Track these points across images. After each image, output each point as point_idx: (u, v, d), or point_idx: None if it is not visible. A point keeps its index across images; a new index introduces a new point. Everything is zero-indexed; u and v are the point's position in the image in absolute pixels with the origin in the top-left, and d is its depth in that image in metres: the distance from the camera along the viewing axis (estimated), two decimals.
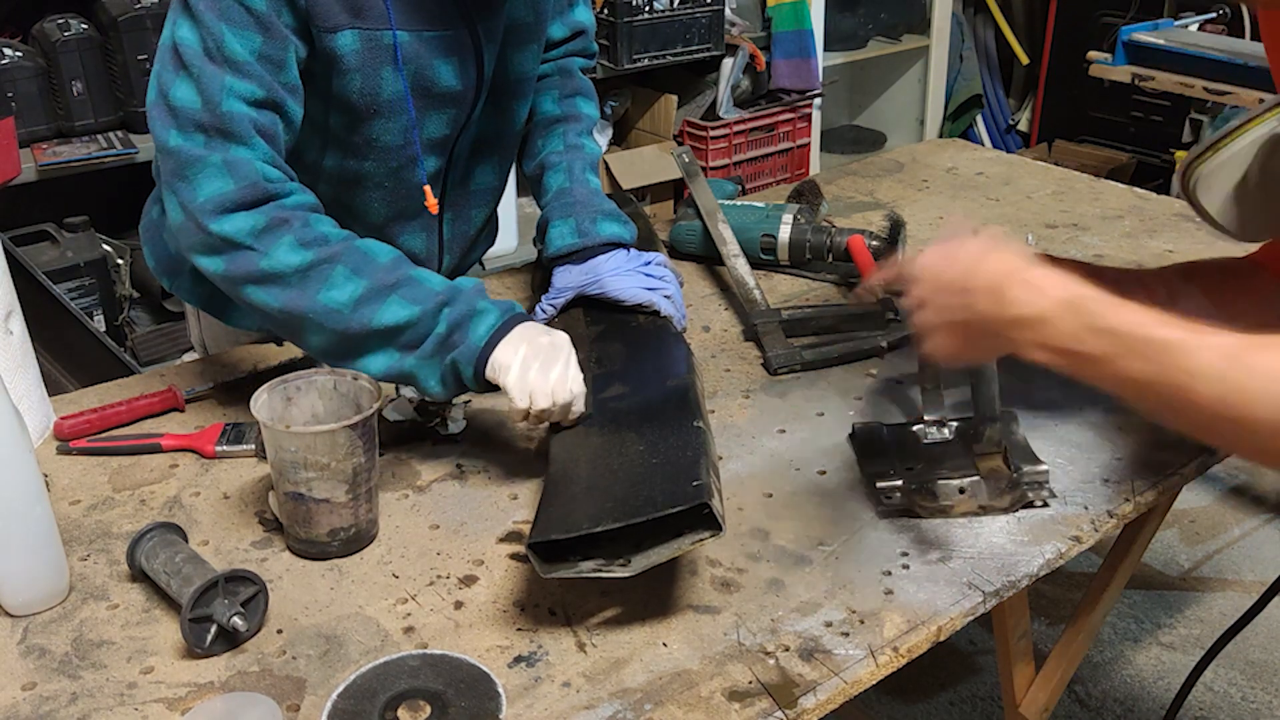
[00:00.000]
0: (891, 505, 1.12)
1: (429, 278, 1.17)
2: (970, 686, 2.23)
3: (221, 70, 1.12)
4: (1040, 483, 1.13)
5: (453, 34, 1.26)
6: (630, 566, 0.95)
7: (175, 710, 0.90)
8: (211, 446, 1.23)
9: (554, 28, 1.50)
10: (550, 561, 0.96)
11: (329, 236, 1.16)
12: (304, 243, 1.14)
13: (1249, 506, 2.75)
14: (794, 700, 0.90)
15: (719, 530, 0.94)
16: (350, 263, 1.15)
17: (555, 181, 1.45)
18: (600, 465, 1.07)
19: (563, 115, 1.50)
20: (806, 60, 3.50)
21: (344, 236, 1.18)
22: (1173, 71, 2.79)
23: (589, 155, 1.49)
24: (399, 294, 1.14)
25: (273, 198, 1.14)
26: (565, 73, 1.53)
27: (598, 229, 1.39)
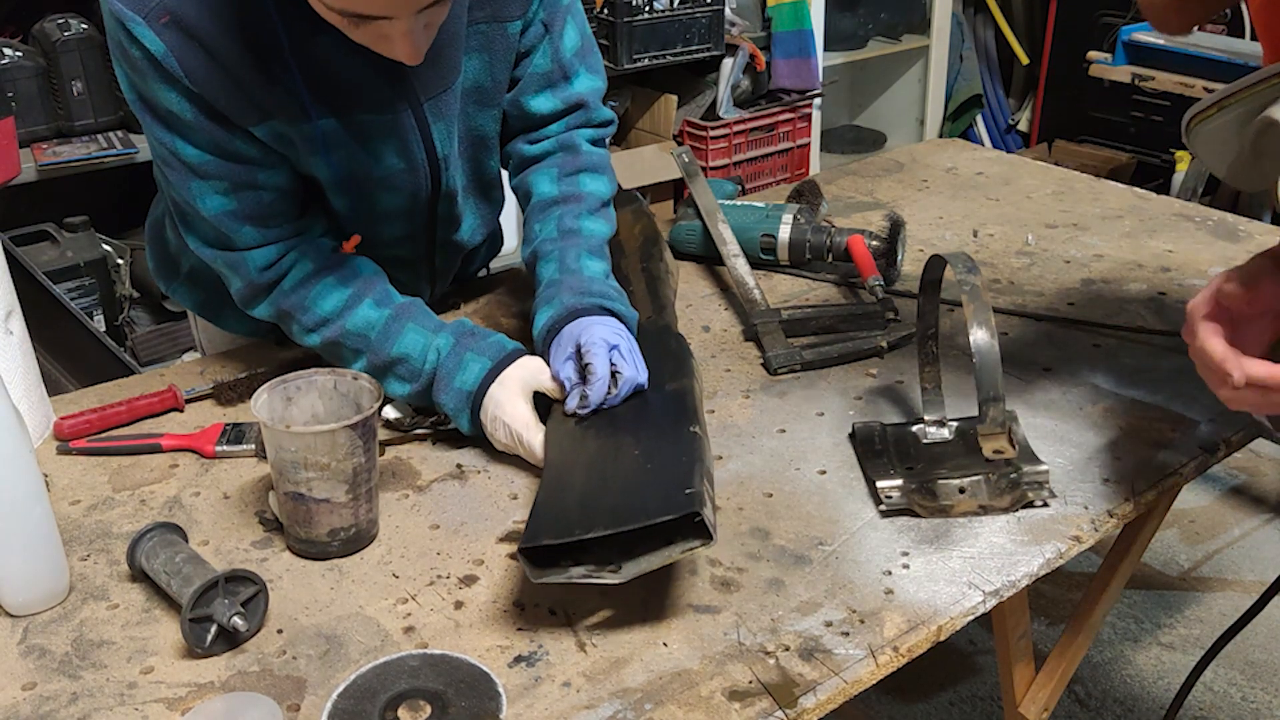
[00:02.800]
0: (891, 505, 1.12)
1: (412, 351, 1.23)
2: (970, 686, 2.23)
3: (186, 175, 1.18)
4: (1040, 482, 1.13)
5: (391, 117, 1.23)
6: (621, 573, 0.95)
7: (175, 710, 0.90)
8: (211, 446, 1.23)
9: (539, 101, 1.37)
10: (541, 566, 0.96)
11: (328, 317, 1.25)
12: (309, 328, 1.26)
13: (1249, 506, 2.75)
14: (794, 700, 0.90)
15: (710, 539, 0.94)
16: (351, 343, 1.25)
17: (545, 273, 1.31)
18: (595, 470, 1.07)
19: (560, 197, 1.36)
20: (806, 60, 3.50)
21: (340, 310, 1.24)
22: (1173, 71, 2.79)
23: (587, 239, 1.33)
24: (394, 374, 1.24)
25: (271, 286, 1.25)
26: (569, 148, 1.40)
27: (582, 301, 1.24)
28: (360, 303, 1.25)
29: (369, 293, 1.26)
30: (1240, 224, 1.81)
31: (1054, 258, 1.71)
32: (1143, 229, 1.81)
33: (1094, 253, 1.72)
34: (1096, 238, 1.77)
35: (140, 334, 2.72)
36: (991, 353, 1.08)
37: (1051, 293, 1.59)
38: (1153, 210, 1.88)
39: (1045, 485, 1.13)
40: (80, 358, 2.27)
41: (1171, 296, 1.57)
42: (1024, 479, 1.12)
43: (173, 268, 1.48)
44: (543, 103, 1.38)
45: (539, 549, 0.96)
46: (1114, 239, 1.77)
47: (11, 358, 1.22)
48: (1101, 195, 1.96)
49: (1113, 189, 1.99)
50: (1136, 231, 1.80)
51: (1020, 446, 1.16)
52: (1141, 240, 1.76)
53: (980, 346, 1.08)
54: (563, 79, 1.38)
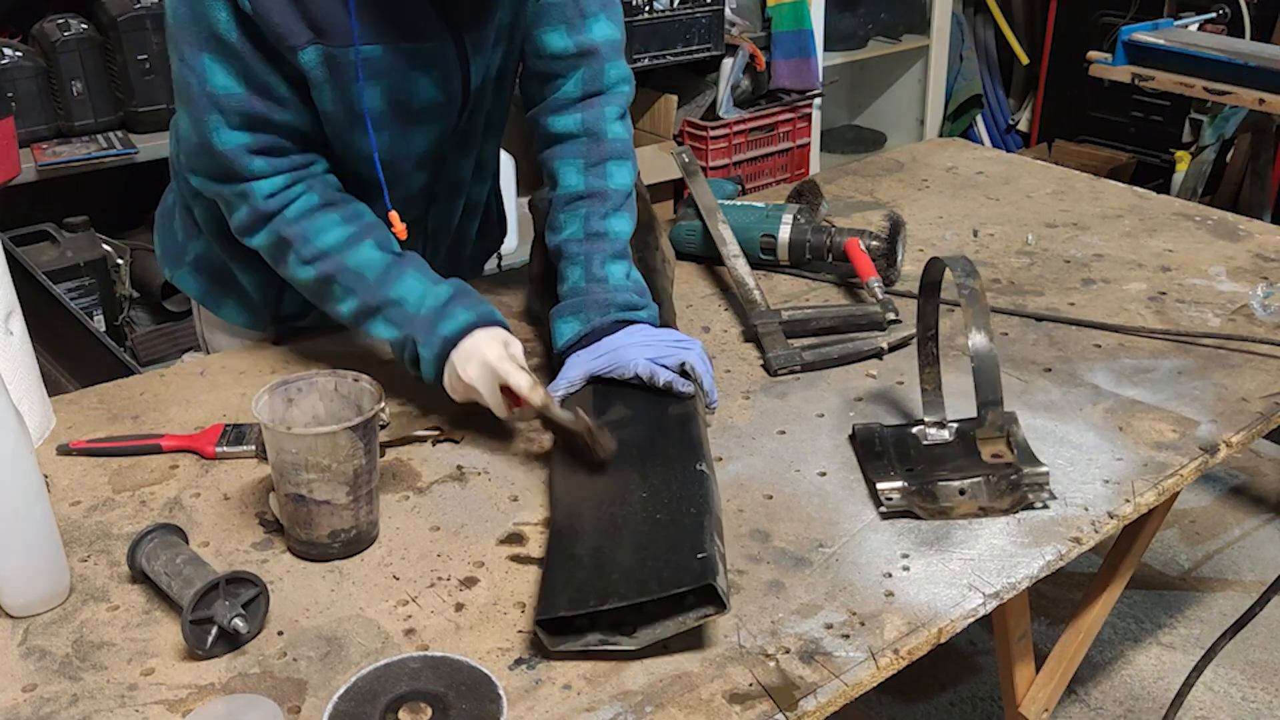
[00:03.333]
0: (892, 507, 1.12)
1: (409, 296, 1.23)
2: (970, 687, 2.23)
3: (207, 107, 1.20)
4: (1040, 484, 1.13)
5: (434, 46, 1.25)
6: (636, 639, 0.95)
7: (176, 712, 0.90)
8: (212, 448, 1.23)
9: (553, 36, 1.35)
10: (556, 633, 0.95)
11: (327, 250, 1.24)
12: (305, 260, 1.25)
13: (1249, 506, 2.75)
14: (794, 702, 0.90)
15: (724, 609, 0.94)
16: (344, 281, 1.24)
17: (571, 276, 1.32)
18: (604, 520, 1.06)
19: (587, 192, 1.35)
20: (806, 60, 3.50)
21: (340, 246, 1.24)
22: (1173, 71, 2.79)
23: (612, 242, 1.33)
24: (383, 317, 1.24)
25: (274, 214, 1.25)
26: (594, 136, 1.37)
27: (607, 316, 1.27)
28: (362, 242, 1.25)
29: (371, 234, 1.26)
30: (1240, 223, 1.81)
31: (1054, 257, 1.71)
32: (1143, 228, 1.81)
33: (1094, 252, 1.72)
34: (1096, 237, 1.77)
35: (140, 334, 2.72)
36: (990, 357, 1.08)
37: (1051, 293, 1.59)
38: (1153, 210, 1.88)
39: (1045, 487, 1.13)
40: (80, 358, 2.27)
41: (1171, 296, 1.58)
42: (1024, 480, 1.12)
43: (178, 255, 1.49)
44: (555, 40, 1.36)
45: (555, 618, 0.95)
46: (1114, 238, 1.77)
47: (11, 358, 1.22)
48: (1101, 195, 1.96)
49: (1112, 188, 1.99)
50: (1136, 231, 1.80)
51: (1020, 448, 1.16)
52: (1141, 240, 1.76)
53: (979, 351, 1.08)
54: (579, 17, 1.36)
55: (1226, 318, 1.51)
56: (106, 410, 1.34)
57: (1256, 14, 3.52)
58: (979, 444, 1.12)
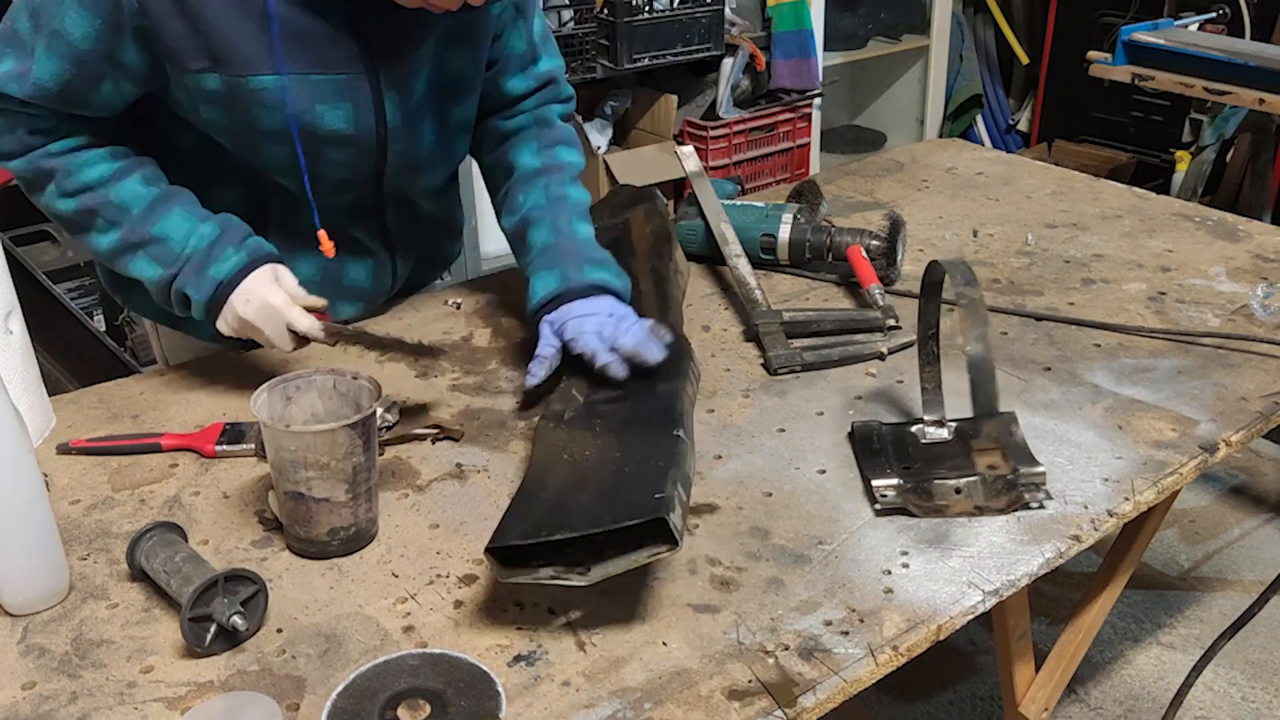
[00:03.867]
0: (887, 504, 1.13)
1: (174, 234, 1.23)
2: (970, 686, 2.23)
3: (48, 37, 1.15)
4: (1037, 484, 1.13)
5: (345, 78, 1.25)
6: (588, 576, 0.95)
7: (175, 709, 0.90)
8: (211, 446, 1.23)
9: (514, 82, 1.43)
10: (510, 566, 0.96)
11: (90, 184, 1.23)
12: (66, 193, 1.23)
13: (1249, 506, 2.75)
14: (793, 699, 0.90)
15: (676, 545, 0.94)
16: (108, 214, 1.23)
17: (539, 238, 1.35)
18: (574, 472, 1.08)
19: (543, 167, 1.42)
20: (806, 60, 3.50)
21: (105, 180, 1.23)
22: (1173, 71, 2.79)
23: (575, 204, 1.39)
24: (146, 253, 1.23)
25: (36, 146, 1.22)
26: (542, 122, 1.46)
27: (584, 275, 1.30)
28: (128, 176, 1.24)
29: (138, 169, 1.25)
30: (1240, 223, 1.81)
31: (1054, 257, 1.71)
32: (1142, 229, 1.81)
33: (1093, 252, 1.72)
34: (1096, 237, 1.78)
35: (140, 334, 2.72)
36: (987, 369, 1.08)
37: (1051, 292, 1.59)
38: (1152, 210, 1.88)
39: (1041, 487, 1.13)
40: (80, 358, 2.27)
41: (1171, 296, 1.58)
42: (1020, 480, 1.12)
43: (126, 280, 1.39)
44: (518, 83, 1.45)
45: (508, 550, 0.96)
46: (1113, 239, 1.77)
47: (11, 358, 1.22)
48: (1101, 195, 1.96)
49: (1112, 189, 1.99)
50: (1136, 231, 1.80)
51: (1018, 448, 1.16)
52: (1141, 240, 1.76)
53: (976, 361, 1.08)
54: (532, 61, 1.45)
55: (1226, 318, 1.51)
56: (106, 410, 1.34)
57: (1256, 14, 3.52)
58: (974, 455, 1.13)
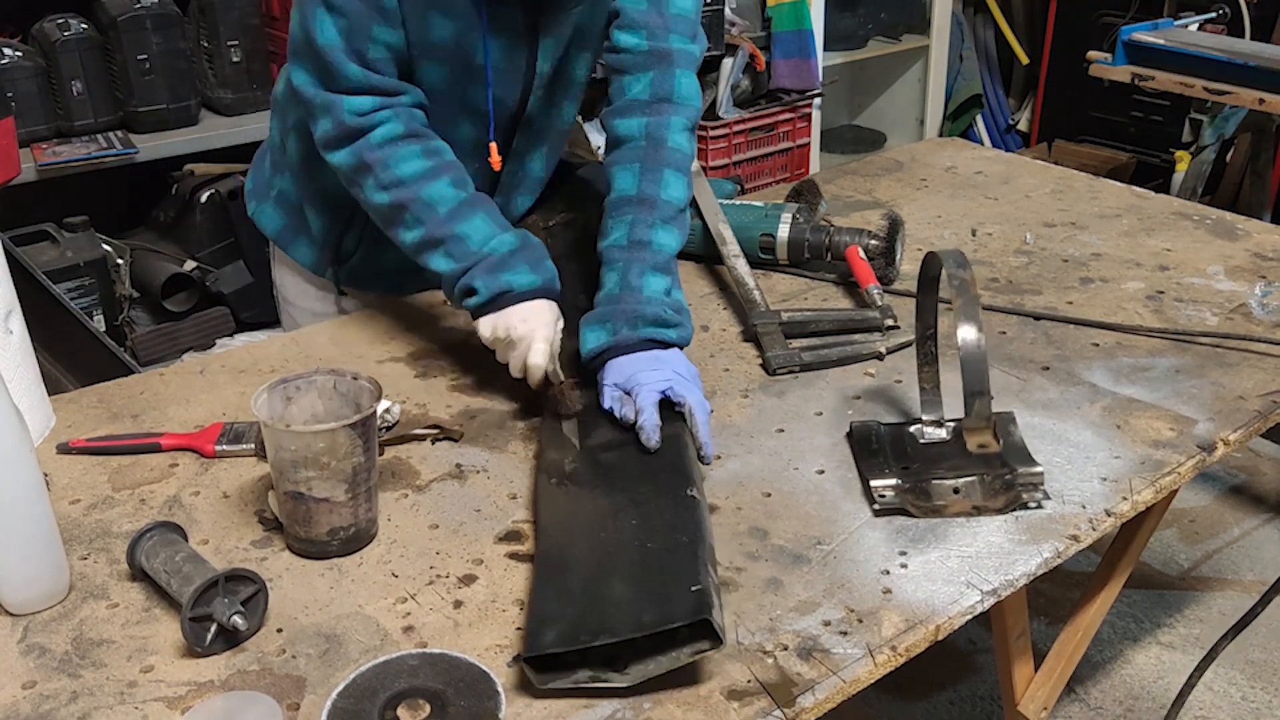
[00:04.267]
0: (885, 504, 1.13)
1: (474, 234, 1.28)
2: (969, 686, 2.23)
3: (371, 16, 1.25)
4: (1035, 484, 1.13)
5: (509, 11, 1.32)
6: (627, 676, 0.91)
7: (175, 709, 0.90)
8: (211, 446, 1.23)
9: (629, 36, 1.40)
10: (545, 670, 0.91)
11: (404, 179, 1.29)
12: (382, 186, 1.29)
13: (1248, 506, 2.75)
14: (792, 699, 0.90)
15: (719, 643, 0.90)
16: (415, 211, 1.29)
17: (607, 283, 1.30)
18: (594, 547, 1.03)
19: (638, 198, 1.33)
20: (806, 60, 3.50)
21: (417, 177, 1.29)
22: (1172, 71, 2.79)
23: (655, 254, 1.30)
24: (444, 250, 1.28)
25: (358, 134, 1.29)
26: (655, 142, 1.36)
27: (636, 331, 1.24)
28: (439, 177, 1.30)
29: (448, 171, 1.31)
30: (1239, 223, 1.81)
31: (1052, 257, 1.71)
32: (1141, 228, 1.81)
33: (1092, 251, 1.72)
34: (1095, 236, 1.78)
35: (140, 334, 2.72)
36: (978, 348, 1.08)
37: (1050, 292, 1.59)
38: (1151, 209, 1.88)
39: (1039, 487, 1.13)
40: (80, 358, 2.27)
41: (1170, 295, 1.58)
42: (1018, 480, 1.12)
43: (264, 189, 1.58)
44: (629, 38, 1.40)
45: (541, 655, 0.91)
46: (1112, 238, 1.77)
47: (11, 358, 1.22)
48: (1100, 194, 1.96)
49: (1111, 188, 1.99)
50: (1135, 230, 1.80)
51: (1016, 448, 1.17)
52: (1140, 239, 1.76)
53: (967, 342, 1.08)
54: (660, 28, 1.40)
55: (1224, 317, 1.51)
56: (106, 409, 1.34)
57: (1256, 14, 3.52)
58: (965, 434, 1.12)
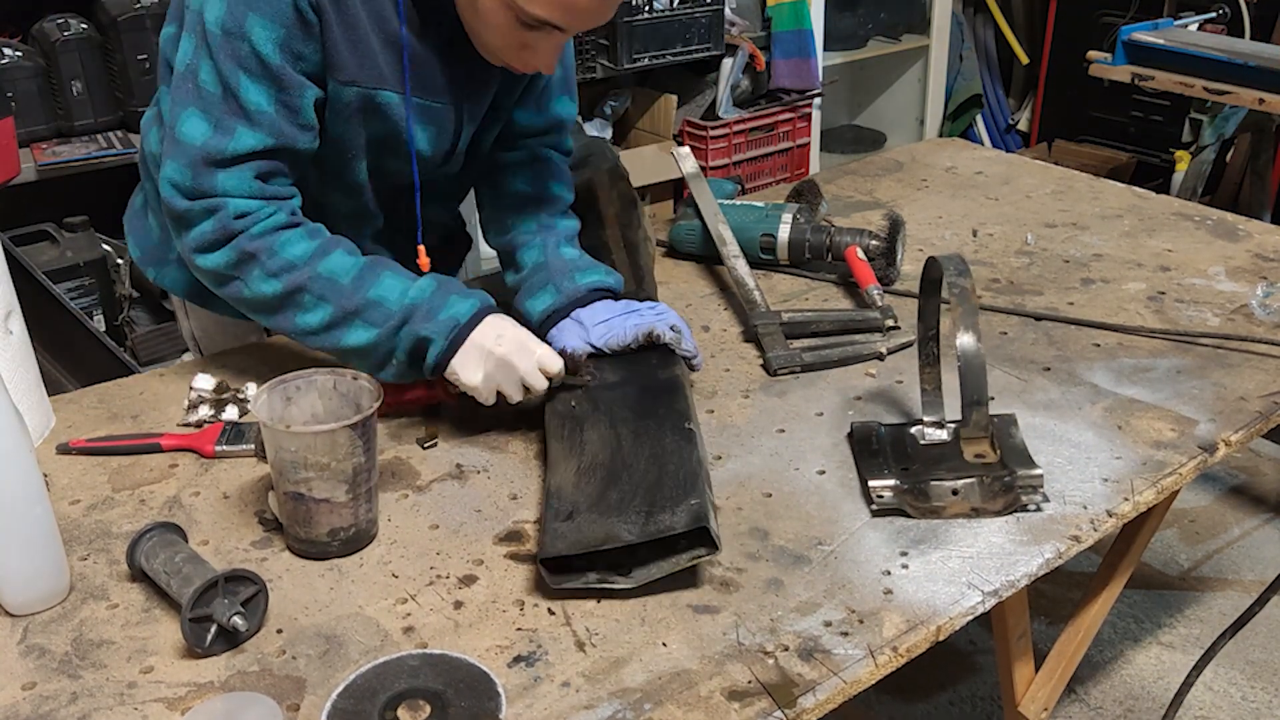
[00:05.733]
0: (883, 505, 1.12)
1: (388, 295, 1.22)
2: (970, 686, 2.23)
3: (236, 119, 1.19)
4: (1034, 486, 1.12)
5: (441, 106, 1.31)
6: (632, 578, 1.01)
7: (175, 710, 0.90)
8: (211, 446, 1.23)
9: (526, 115, 1.46)
10: (557, 573, 1.01)
11: (294, 262, 1.22)
12: (271, 273, 1.22)
13: (1249, 506, 2.75)
14: (793, 700, 0.90)
15: (716, 549, 1.01)
16: (316, 289, 1.22)
17: (530, 258, 1.40)
18: (600, 469, 1.12)
19: (534, 196, 1.46)
20: (806, 60, 3.50)
21: (309, 257, 1.22)
22: (1172, 71, 2.79)
23: (563, 231, 1.43)
24: (361, 319, 1.22)
25: (241, 231, 1.22)
26: (540, 160, 1.49)
27: (576, 281, 1.34)
28: (331, 251, 1.24)
29: (338, 245, 1.26)
30: (1240, 223, 1.81)
31: (1053, 257, 1.71)
32: (1142, 228, 1.81)
33: (1093, 252, 1.72)
34: (1096, 237, 1.78)
35: (140, 334, 2.72)
36: (977, 357, 1.08)
37: (1051, 292, 1.59)
38: (1152, 209, 1.88)
39: (1039, 489, 1.12)
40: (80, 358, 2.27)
41: (1170, 296, 1.58)
42: (1018, 482, 1.12)
43: (160, 253, 1.47)
44: (528, 118, 1.47)
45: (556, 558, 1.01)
46: (1113, 238, 1.77)
47: (11, 358, 1.22)
48: (1101, 194, 1.96)
49: (1112, 188, 1.99)
50: (1135, 231, 1.80)
51: (1016, 450, 1.16)
52: (1141, 239, 1.76)
53: (966, 350, 1.08)
54: (547, 100, 1.47)
55: (1225, 317, 1.51)
56: (106, 410, 1.34)
57: (1256, 14, 3.52)
58: (962, 444, 1.12)
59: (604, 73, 3.15)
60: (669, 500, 1.04)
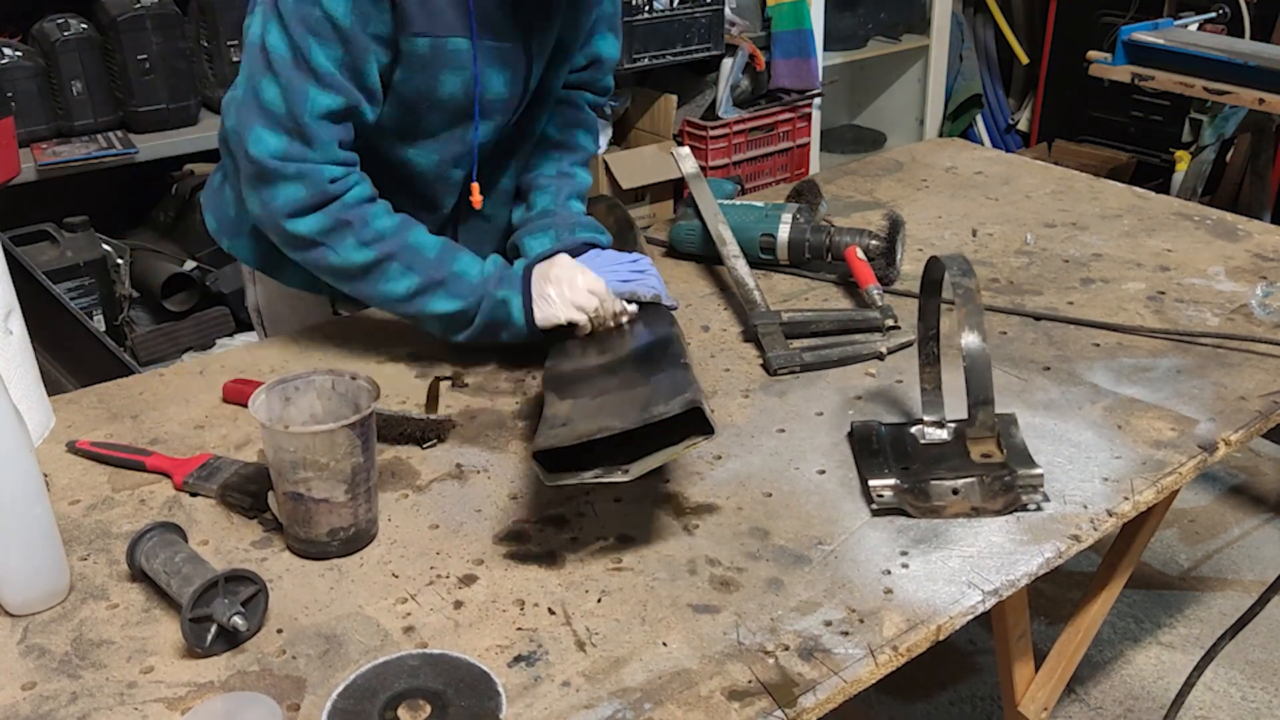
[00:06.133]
0: (883, 504, 1.12)
1: (468, 270, 1.34)
2: (970, 686, 2.23)
3: (306, 80, 1.24)
4: (1034, 486, 1.12)
5: (510, 46, 1.36)
6: (630, 471, 1.01)
7: (175, 710, 0.90)
8: (180, 478, 1.17)
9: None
10: (554, 471, 1.02)
11: (384, 232, 1.31)
12: (365, 242, 1.30)
13: (1248, 506, 2.75)
14: (793, 699, 0.90)
15: (710, 433, 1.02)
16: (405, 260, 1.31)
17: (541, 201, 1.51)
18: (597, 387, 1.16)
19: (560, 142, 1.55)
20: (806, 60, 3.50)
21: (396, 230, 1.32)
22: (1172, 71, 2.79)
23: (578, 184, 1.54)
24: (446, 290, 1.32)
25: (336, 197, 1.28)
26: (570, 104, 1.57)
27: (574, 235, 1.45)
28: (414, 227, 1.34)
29: (417, 224, 1.35)
30: (1239, 223, 1.81)
31: (1053, 257, 1.71)
32: (1142, 228, 1.81)
33: (1093, 252, 1.72)
34: (1095, 237, 1.78)
35: (140, 334, 2.72)
36: (982, 357, 1.08)
37: (1051, 292, 1.59)
38: (1152, 209, 1.88)
39: (1039, 489, 1.13)
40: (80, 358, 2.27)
41: (1170, 296, 1.58)
42: (1018, 482, 1.12)
43: (235, 225, 1.53)
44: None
45: (550, 456, 1.02)
46: (1113, 238, 1.77)
47: (11, 358, 1.22)
48: (1101, 194, 1.96)
49: (1112, 188, 1.99)
50: (1135, 231, 1.80)
51: (1016, 450, 1.16)
52: (1140, 239, 1.76)
53: (971, 350, 1.08)
54: (590, 36, 1.52)
55: (1225, 317, 1.51)
56: (106, 409, 1.34)
57: (1256, 14, 3.52)
58: (969, 444, 1.12)
59: None
60: (662, 398, 1.05)
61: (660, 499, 1.16)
